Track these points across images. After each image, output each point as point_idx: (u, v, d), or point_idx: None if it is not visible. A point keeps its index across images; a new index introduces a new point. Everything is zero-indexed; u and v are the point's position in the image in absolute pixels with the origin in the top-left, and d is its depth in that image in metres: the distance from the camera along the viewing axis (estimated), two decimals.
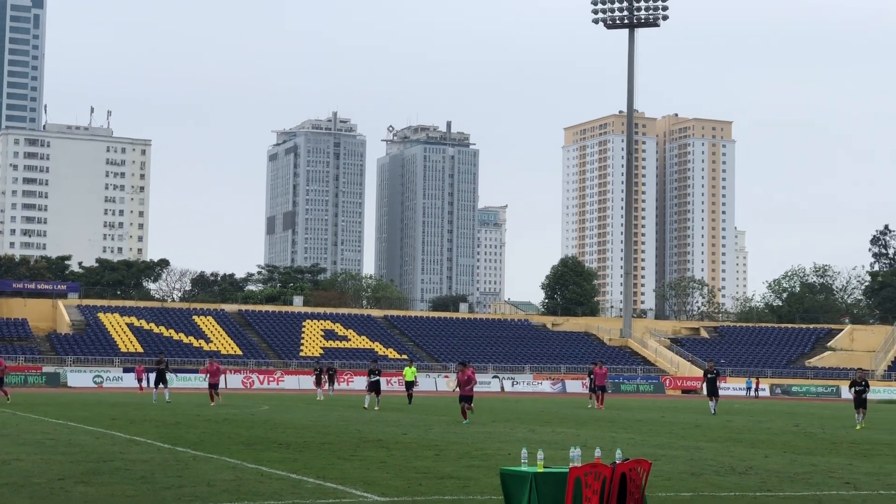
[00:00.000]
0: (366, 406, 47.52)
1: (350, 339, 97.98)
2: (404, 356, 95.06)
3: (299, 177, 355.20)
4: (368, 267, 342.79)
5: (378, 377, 48.36)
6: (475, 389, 39.27)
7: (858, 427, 39.19)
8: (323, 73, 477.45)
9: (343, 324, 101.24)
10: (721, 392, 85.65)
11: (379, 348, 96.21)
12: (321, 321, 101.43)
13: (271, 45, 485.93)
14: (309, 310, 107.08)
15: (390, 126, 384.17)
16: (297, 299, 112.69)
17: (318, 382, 63.69)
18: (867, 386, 41.88)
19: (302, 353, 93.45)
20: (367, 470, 20.81)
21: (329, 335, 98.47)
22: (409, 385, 55.51)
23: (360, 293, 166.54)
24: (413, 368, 57.29)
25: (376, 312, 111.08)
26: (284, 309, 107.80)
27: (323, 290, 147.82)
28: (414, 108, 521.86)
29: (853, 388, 41.60)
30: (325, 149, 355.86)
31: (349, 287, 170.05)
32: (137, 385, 74.19)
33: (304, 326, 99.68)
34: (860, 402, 40.77)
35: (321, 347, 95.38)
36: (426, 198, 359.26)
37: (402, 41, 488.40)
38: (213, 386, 51.06)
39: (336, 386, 68.25)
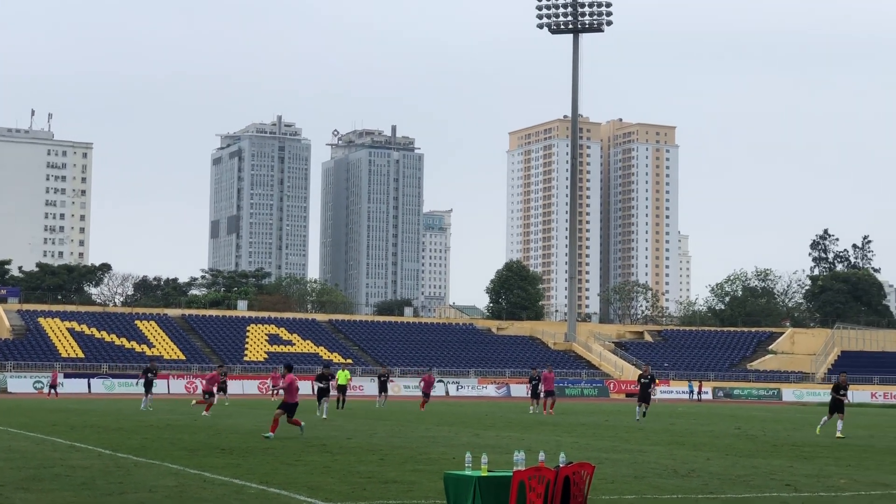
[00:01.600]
0: (319, 414, 44.75)
1: (295, 344, 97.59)
2: (349, 360, 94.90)
3: (244, 181, 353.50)
4: (313, 271, 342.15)
5: (328, 383, 46.56)
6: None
7: (839, 435, 35.93)
8: (268, 77, 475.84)
9: (287, 328, 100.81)
10: (664, 395, 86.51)
11: (324, 353, 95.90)
12: (265, 326, 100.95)
13: (216, 48, 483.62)
14: (253, 314, 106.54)
15: (335, 130, 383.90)
16: (242, 304, 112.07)
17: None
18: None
19: (246, 358, 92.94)
20: (311, 475, 20.73)
21: (273, 340, 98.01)
22: (342, 389, 54.61)
23: (304, 298, 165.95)
24: (346, 372, 56.63)
25: (321, 317, 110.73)
26: (228, 313, 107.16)
27: (267, 295, 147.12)
28: (359, 112, 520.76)
29: (836, 393, 38.72)
30: (270, 153, 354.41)
31: (294, 291, 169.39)
32: (86, 390, 73.36)
33: (249, 331, 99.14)
34: (837, 406, 37.46)
35: (265, 352, 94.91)
36: (371, 202, 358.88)
37: (347, 45, 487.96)
38: (208, 393, 49.56)
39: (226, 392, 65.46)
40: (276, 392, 69.16)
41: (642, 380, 45.51)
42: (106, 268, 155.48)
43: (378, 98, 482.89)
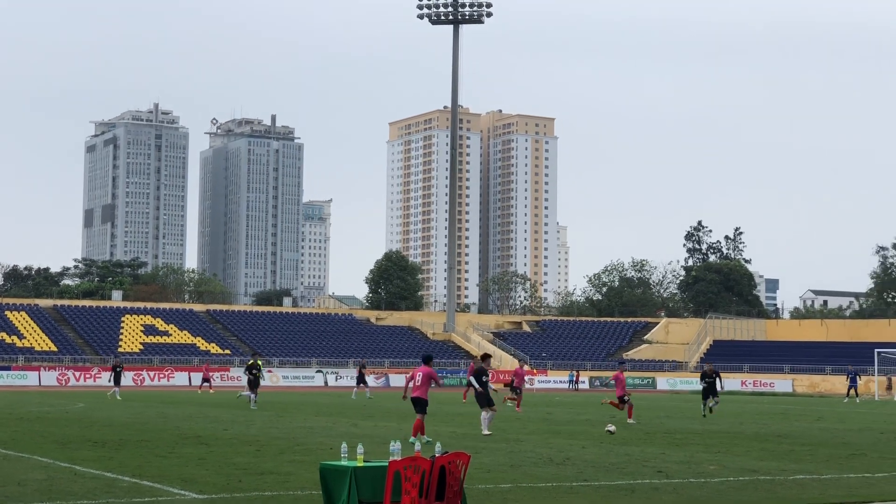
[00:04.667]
0: (252, 406, 45.30)
1: (171, 335, 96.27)
2: (227, 351, 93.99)
3: (119, 169, 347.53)
4: (191, 261, 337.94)
5: (258, 374, 47.47)
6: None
7: (705, 415, 42.33)
8: (144, 64, 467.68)
9: (164, 319, 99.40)
10: (541, 385, 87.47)
11: (201, 343, 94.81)
12: (141, 316, 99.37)
13: (90, 33, 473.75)
14: (128, 304, 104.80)
15: (214, 119, 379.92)
16: (116, 294, 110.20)
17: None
18: (717, 377, 44.08)
19: (121, 349, 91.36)
20: (185, 467, 20.46)
21: (149, 330, 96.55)
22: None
23: (182, 288, 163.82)
24: (259, 362, 55.29)
25: (198, 307, 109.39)
26: (102, 304, 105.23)
27: (143, 285, 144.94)
28: (238, 101, 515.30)
29: (704, 381, 44.08)
30: (147, 141, 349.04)
31: (171, 281, 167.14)
32: None
33: (124, 322, 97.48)
34: (711, 391, 43.22)
35: (141, 343, 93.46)
36: (250, 192, 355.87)
37: (226, 33, 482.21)
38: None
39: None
40: (208, 385, 68.23)
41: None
42: None
43: (257, 87, 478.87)
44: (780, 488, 18.82)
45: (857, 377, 72.16)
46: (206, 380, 68.62)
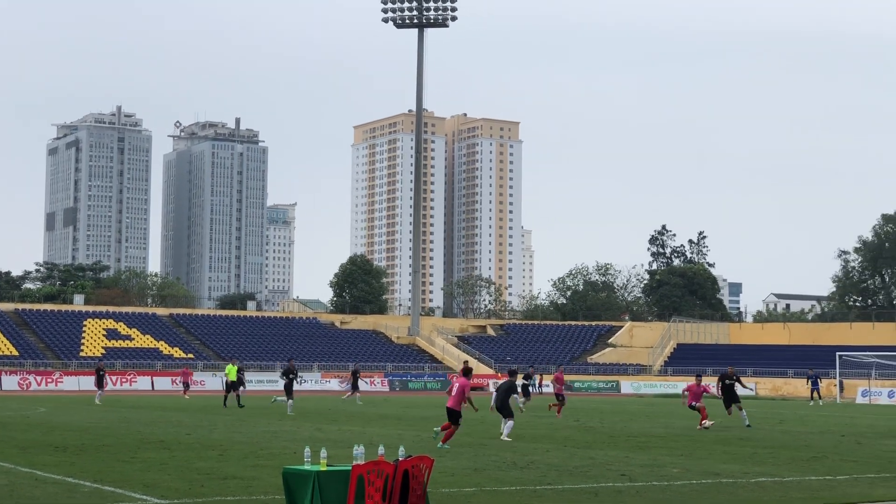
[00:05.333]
0: (289, 412, 44.20)
1: (134, 339, 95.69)
2: (190, 355, 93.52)
3: (81, 172, 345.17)
4: (154, 265, 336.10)
5: (293, 378, 46.98)
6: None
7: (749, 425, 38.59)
8: (107, 66, 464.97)
9: (126, 323, 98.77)
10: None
11: (164, 347, 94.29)
12: (103, 320, 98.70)
13: (53, 35, 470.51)
14: (90, 308, 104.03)
15: (177, 122, 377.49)
16: (78, 298, 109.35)
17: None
18: (737, 380, 41.17)
19: (82, 354, 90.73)
20: (148, 472, 20.35)
21: (112, 335, 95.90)
22: (234, 385, 52.05)
23: (145, 291, 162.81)
24: (235, 367, 53.65)
25: (161, 311, 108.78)
26: (64, 308, 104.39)
27: (106, 289, 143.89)
28: (202, 104, 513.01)
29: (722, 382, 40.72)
30: (109, 143, 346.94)
31: (133, 285, 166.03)
32: None
33: (86, 326, 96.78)
34: (732, 397, 40.27)
35: (103, 347, 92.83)
36: (214, 195, 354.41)
37: (190, 36, 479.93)
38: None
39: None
40: (187, 390, 67.83)
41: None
42: None
43: (222, 90, 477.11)
44: (742, 491, 18.93)
45: (819, 380, 72.61)
46: (185, 384, 68.37)
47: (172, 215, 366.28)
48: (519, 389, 47.83)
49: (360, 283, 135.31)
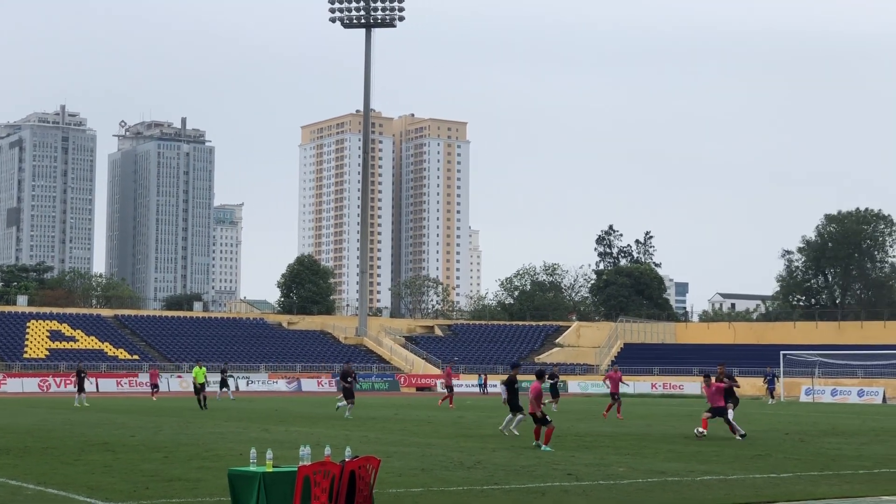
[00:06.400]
0: (347, 415, 43.25)
1: (78, 340, 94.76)
2: (136, 357, 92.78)
3: (24, 171, 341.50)
4: (99, 265, 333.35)
5: (352, 383, 45.41)
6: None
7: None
8: (50, 65, 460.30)
9: (71, 324, 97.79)
10: (455, 388, 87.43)
11: (109, 349, 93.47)
12: (47, 321, 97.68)
13: None
14: (34, 310, 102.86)
15: (122, 121, 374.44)
16: (21, 299, 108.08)
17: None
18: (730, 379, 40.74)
19: (26, 355, 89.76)
20: (92, 474, 20.17)
21: (56, 336, 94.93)
22: (201, 388, 51.48)
23: (89, 292, 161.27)
24: (203, 369, 53.33)
25: (106, 312, 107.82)
26: (7, 309, 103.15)
27: (50, 290, 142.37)
28: (147, 103, 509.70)
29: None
30: (53, 143, 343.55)
31: (78, 286, 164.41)
32: None
33: (29, 327, 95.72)
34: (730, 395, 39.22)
35: (47, 349, 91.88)
36: (160, 195, 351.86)
37: (135, 34, 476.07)
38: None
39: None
40: (156, 391, 67.01)
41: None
42: None
43: (167, 89, 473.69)
44: (687, 489, 19.06)
45: (775, 378, 73.53)
46: (154, 385, 67.65)
47: (118, 215, 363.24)
48: (548, 390, 48.51)
49: (307, 284, 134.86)
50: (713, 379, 32.58)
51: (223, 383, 64.55)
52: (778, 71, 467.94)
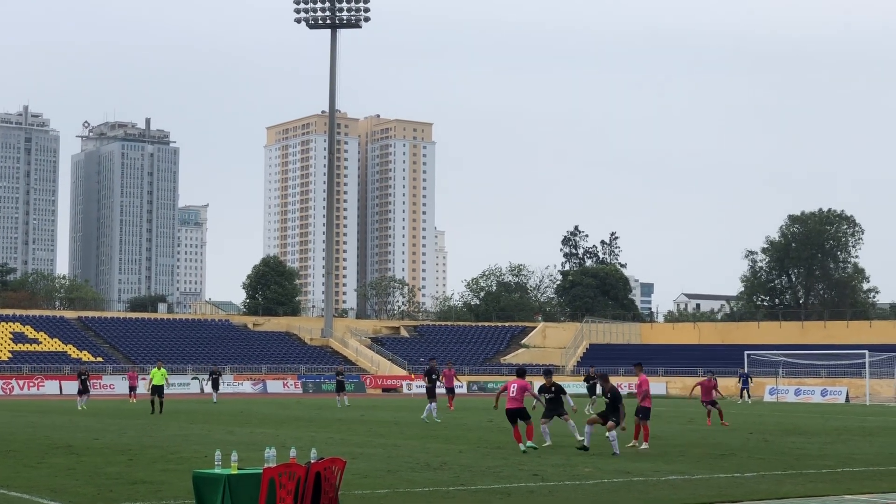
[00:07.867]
0: (435, 418, 42.33)
1: (41, 342, 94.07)
2: (100, 359, 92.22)
3: None
4: (62, 267, 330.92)
5: (436, 381, 45.02)
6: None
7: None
8: (12, 65, 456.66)
9: (34, 326, 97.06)
10: (419, 390, 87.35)
11: (72, 351, 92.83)
12: (9, 323, 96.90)
13: None
14: None
15: (86, 122, 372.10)
16: None
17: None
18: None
19: None
20: (55, 477, 20.03)
21: (18, 338, 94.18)
22: (159, 389, 48.12)
23: (52, 294, 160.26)
24: (163, 370, 49.66)
25: (70, 314, 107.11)
26: None
27: (12, 291, 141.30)
28: (111, 104, 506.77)
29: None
30: (16, 144, 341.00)
31: (41, 288, 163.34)
32: None
33: None
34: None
35: (10, 351, 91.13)
36: (124, 196, 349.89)
37: (99, 33, 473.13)
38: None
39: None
40: (133, 394, 65.65)
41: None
42: None
43: (131, 90, 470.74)
44: (652, 489, 19.14)
45: (749, 379, 73.96)
46: (132, 388, 66.54)
47: (81, 217, 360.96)
48: (587, 391, 51.95)
49: (273, 285, 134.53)
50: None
51: (215, 384, 65.32)
52: (741, 72, 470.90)
